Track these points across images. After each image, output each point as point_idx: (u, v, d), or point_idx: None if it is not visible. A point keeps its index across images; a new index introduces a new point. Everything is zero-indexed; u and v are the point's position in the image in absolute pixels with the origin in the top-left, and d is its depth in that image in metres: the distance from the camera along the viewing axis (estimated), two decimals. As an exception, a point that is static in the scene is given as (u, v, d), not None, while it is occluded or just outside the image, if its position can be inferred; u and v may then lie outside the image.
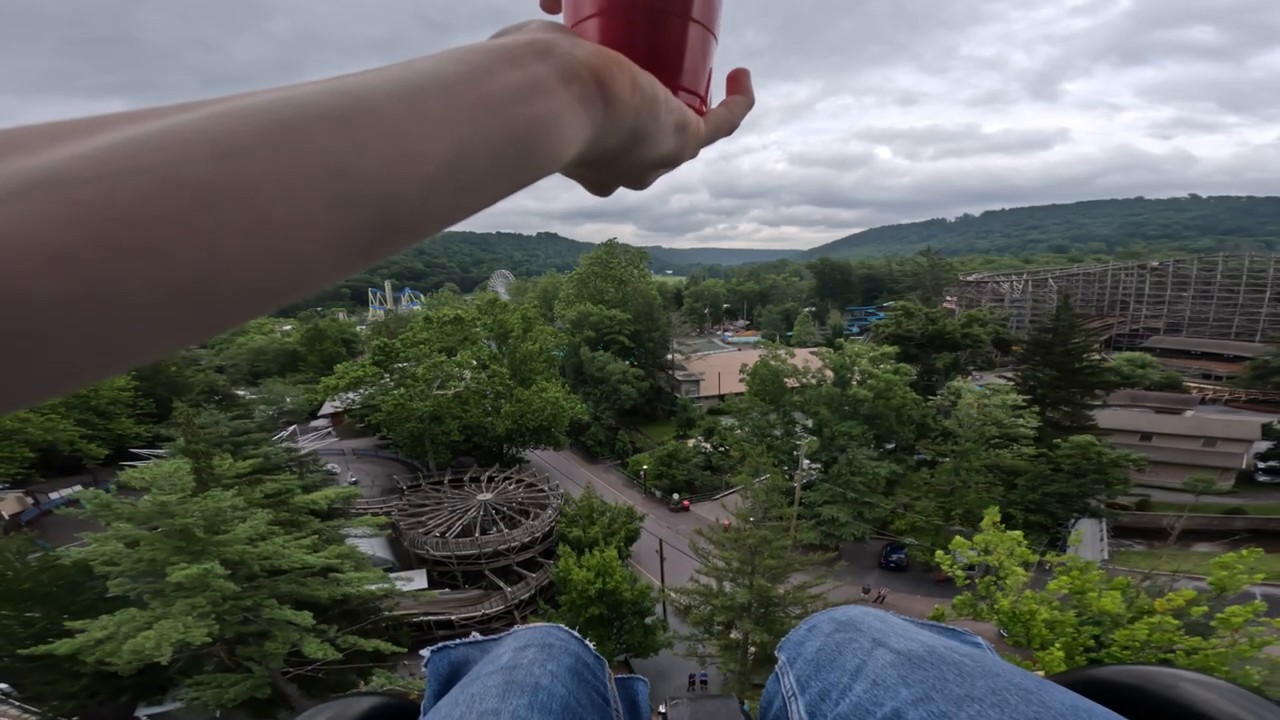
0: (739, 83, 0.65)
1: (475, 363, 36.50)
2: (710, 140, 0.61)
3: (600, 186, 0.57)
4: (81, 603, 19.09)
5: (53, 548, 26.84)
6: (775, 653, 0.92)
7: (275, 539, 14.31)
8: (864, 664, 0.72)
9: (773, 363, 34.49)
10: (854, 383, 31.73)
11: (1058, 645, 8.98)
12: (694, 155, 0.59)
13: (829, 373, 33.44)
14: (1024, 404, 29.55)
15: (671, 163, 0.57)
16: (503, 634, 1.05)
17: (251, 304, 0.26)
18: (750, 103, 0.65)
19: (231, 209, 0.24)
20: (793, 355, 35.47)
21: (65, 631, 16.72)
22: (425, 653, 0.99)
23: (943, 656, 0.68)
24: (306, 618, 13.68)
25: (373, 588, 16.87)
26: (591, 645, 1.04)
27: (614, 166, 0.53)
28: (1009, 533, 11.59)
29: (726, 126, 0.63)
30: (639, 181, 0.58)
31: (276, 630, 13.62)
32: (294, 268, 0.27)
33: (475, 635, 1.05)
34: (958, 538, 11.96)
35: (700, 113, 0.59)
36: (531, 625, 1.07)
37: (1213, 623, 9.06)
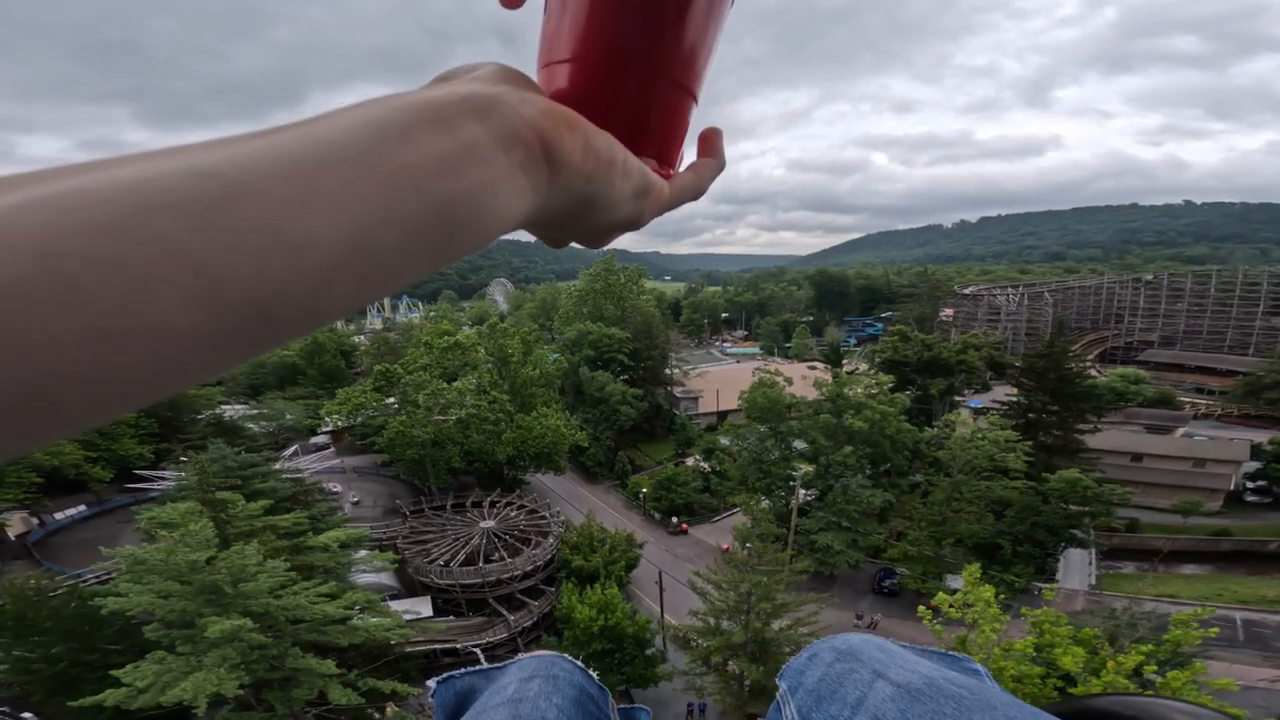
0: (710, 144, 0.62)
1: (475, 386, 37.02)
2: (673, 206, 0.58)
3: (552, 242, 0.54)
4: (105, 637, 19.63)
5: (61, 570, 27.50)
6: (776, 680, 0.91)
7: (296, 588, 15.15)
8: (864, 697, 0.72)
9: (769, 390, 35.17)
10: (850, 413, 32.43)
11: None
12: (656, 217, 0.57)
13: (825, 402, 34.19)
14: (1016, 439, 30.17)
15: (629, 226, 0.54)
16: (508, 662, 1.06)
17: (99, 411, 0.24)
18: (720, 166, 0.63)
19: (51, 316, 0.22)
20: (790, 384, 36.06)
21: (90, 667, 17.38)
22: (431, 683, 1.01)
23: (942, 690, 0.68)
24: (329, 666, 14.49)
25: (387, 633, 17.66)
26: (595, 675, 1.05)
27: (562, 229, 0.50)
28: (984, 589, 12.45)
29: (692, 192, 0.60)
30: (594, 242, 0.55)
31: (302, 677, 14.42)
32: (148, 374, 0.25)
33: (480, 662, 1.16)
34: (940, 594, 12.75)
35: (666, 176, 0.57)
36: (536, 654, 1.07)
37: (1157, 683, 10.00)
